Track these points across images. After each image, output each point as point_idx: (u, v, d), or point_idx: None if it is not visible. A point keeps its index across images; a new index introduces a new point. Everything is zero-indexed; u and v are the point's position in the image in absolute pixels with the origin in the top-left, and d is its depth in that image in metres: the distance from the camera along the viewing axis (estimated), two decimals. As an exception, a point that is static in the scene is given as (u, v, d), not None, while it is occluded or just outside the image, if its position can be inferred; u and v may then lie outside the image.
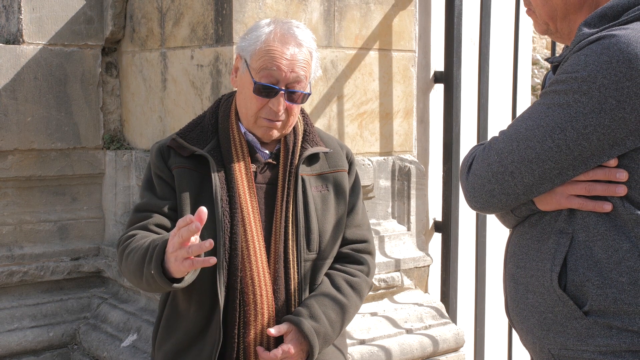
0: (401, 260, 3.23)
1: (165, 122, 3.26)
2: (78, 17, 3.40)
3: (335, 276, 2.18)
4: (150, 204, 2.11)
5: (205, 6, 2.94)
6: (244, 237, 2.04)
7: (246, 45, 2.08)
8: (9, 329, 3.28)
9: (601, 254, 1.59)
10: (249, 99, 2.08)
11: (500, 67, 3.72)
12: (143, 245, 1.95)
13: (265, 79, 2.04)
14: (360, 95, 3.13)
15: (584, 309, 1.61)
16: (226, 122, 2.14)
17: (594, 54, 1.55)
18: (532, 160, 1.62)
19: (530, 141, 1.62)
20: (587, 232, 1.61)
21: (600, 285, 1.59)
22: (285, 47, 2.04)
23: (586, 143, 1.57)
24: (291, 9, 2.92)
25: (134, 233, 2.06)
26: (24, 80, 3.30)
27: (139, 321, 3.17)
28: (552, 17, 1.76)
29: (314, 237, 2.13)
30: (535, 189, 1.65)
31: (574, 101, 1.57)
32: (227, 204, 2.05)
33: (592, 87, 1.54)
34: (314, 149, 2.17)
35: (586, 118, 1.55)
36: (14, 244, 3.37)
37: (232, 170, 2.08)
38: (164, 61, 3.23)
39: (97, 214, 3.57)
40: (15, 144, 3.30)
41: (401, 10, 3.22)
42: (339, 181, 2.23)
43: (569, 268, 1.62)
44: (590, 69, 1.54)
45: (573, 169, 1.60)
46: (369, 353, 2.94)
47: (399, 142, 3.26)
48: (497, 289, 3.64)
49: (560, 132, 1.58)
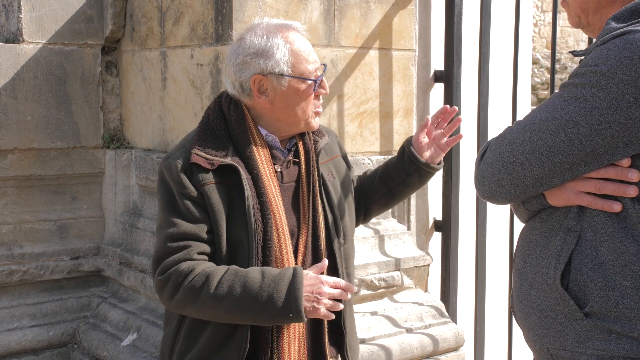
0: (401, 260, 3.22)
1: (165, 121, 3.26)
2: (78, 16, 3.40)
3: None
4: (184, 232, 1.98)
5: (205, 5, 2.94)
6: (277, 241, 2.03)
7: (273, 63, 2.04)
8: (8, 328, 3.28)
9: (607, 255, 1.56)
10: (305, 102, 2.08)
11: (500, 66, 3.72)
12: (251, 283, 1.92)
13: (312, 74, 2.08)
14: (360, 94, 3.13)
15: (585, 310, 1.58)
16: (243, 126, 2.08)
17: (616, 48, 1.51)
18: (542, 153, 1.59)
19: (543, 133, 1.59)
20: (594, 232, 1.58)
21: (603, 287, 1.56)
22: (300, 38, 2.10)
23: (599, 139, 1.53)
24: (291, 8, 2.92)
25: (191, 268, 1.96)
26: (23, 79, 3.30)
27: (138, 320, 3.17)
28: (584, 10, 1.72)
29: (340, 224, 2.17)
30: (545, 182, 1.62)
31: (591, 95, 1.53)
32: (259, 212, 2.02)
33: (610, 82, 1.50)
34: (323, 141, 2.21)
35: (601, 114, 1.51)
36: (13, 243, 3.37)
37: (260, 176, 2.05)
38: (163, 60, 3.23)
39: (97, 213, 3.57)
40: (15, 143, 3.30)
41: (401, 9, 3.21)
42: (338, 166, 2.27)
43: (573, 267, 1.59)
44: (611, 64, 1.50)
45: (584, 165, 1.57)
46: (369, 352, 2.94)
47: (399, 141, 3.26)
48: (497, 289, 3.64)
49: (574, 126, 1.55)
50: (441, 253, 3.45)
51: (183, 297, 1.96)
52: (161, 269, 1.99)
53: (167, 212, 2.03)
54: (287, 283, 1.92)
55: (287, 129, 2.13)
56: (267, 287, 1.91)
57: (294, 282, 1.92)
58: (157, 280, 2.01)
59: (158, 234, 2.04)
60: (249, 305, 1.91)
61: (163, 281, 1.98)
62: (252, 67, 2.04)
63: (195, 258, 1.98)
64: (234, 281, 1.92)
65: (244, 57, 2.05)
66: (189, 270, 1.95)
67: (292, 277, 1.92)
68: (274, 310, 1.91)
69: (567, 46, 17.45)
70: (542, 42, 17.03)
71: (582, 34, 17.17)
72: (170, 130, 3.22)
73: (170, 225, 2.00)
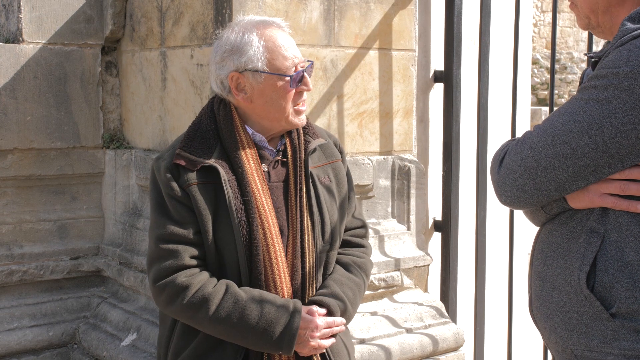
0: (401, 260, 3.23)
1: (165, 122, 3.26)
2: (78, 16, 3.40)
3: (343, 259, 2.27)
4: (173, 234, 2.01)
5: (205, 5, 2.94)
6: (264, 240, 2.03)
7: (246, 60, 2.03)
8: (8, 329, 3.28)
9: (633, 255, 1.55)
10: (283, 98, 2.07)
11: (500, 66, 3.72)
12: (248, 316, 1.97)
13: (291, 70, 2.06)
14: (360, 94, 3.13)
15: (611, 311, 1.57)
16: (230, 125, 2.09)
17: (637, 49, 1.50)
18: (566, 157, 1.58)
19: (566, 136, 1.58)
20: (619, 233, 1.57)
21: (629, 287, 1.55)
22: (278, 34, 2.08)
23: (624, 141, 1.52)
24: (291, 8, 2.92)
25: (186, 283, 1.98)
26: (23, 79, 3.30)
27: (138, 320, 3.17)
28: (593, 11, 1.72)
29: (327, 228, 2.16)
30: (569, 185, 1.61)
31: (614, 97, 1.52)
32: (243, 212, 2.03)
33: (633, 83, 1.49)
34: (316, 142, 2.19)
35: (625, 115, 1.51)
36: (13, 243, 3.37)
37: (245, 175, 2.05)
38: (163, 60, 3.23)
39: (97, 213, 3.57)
40: (15, 143, 3.30)
41: (401, 9, 3.21)
42: (337, 171, 2.26)
43: (599, 268, 1.59)
44: (633, 65, 1.49)
45: (609, 166, 1.56)
46: (369, 352, 2.94)
47: (399, 141, 3.26)
48: (497, 289, 3.64)
49: (598, 128, 1.54)
50: (441, 253, 3.45)
51: (179, 312, 2.02)
52: (156, 276, 2.02)
53: (157, 213, 2.07)
54: (283, 324, 1.99)
55: (270, 126, 2.13)
56: (264, 324, 1.98)
57: (290, 325, 1.99)
58: (152, 287, 2.05)
59: (150, 235, 2.08)
60: (243, 335, 1.99)
61: (159, 289, 2.02)
62: (229, 65, 2.06)
63: (188, 264, 2.01)
64: (232, 310, 1.97)
65: (222, 54, 2.07)
66: (185, 286, 1.98)
67: (290, 319, 1.99)
68: (266, 345, 2.00)
69: (567, 46, 17.45)
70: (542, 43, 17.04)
71: (582, 34, 17.18)
72: (170, 131, 3.23)
73: (160, 226, 2.03)
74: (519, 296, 3.56)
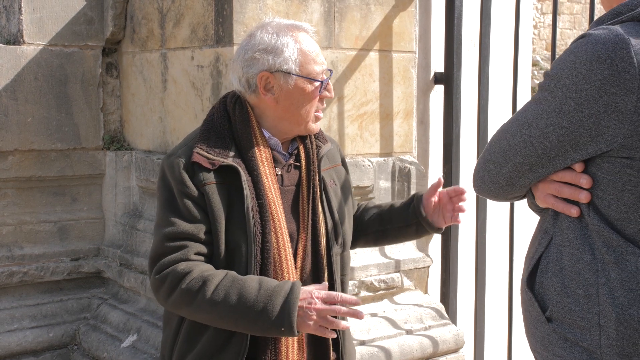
0: (401, 261, 3.23)
1: (166, 123, 3.26)
2: (78, 17, 3.40)
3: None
4: (182, 231, 1.97)
5: (205, 7, 2.94)
6: (276, 244, 2.02)
7: (281, 61, 2.04)
8: (9, 330, 3.28)
9: (567, 260, 1.55)
10: (309, 102, 2.08)
11: (500, 68, 3.72)
12: (247, 292, 1.90)
13: (320, 75, 2.09)
14: (360, 96, 3.14)
15: (547, 314, 1.57)
16: (247, 127, 2.08)
17: (568, 52, 1.52)
18: (506, 153, 1.61)
19: (507, 133, 1.61)
20: (562, 236, 1.57)
21: (560, 292, 1.54)
22: (309, 39, 2.11)
23: (547, 142, 1.53)
24: (291, 9, 2.92)
25: (188, 269, 1.94)
26: (24, 80, 3.30)
27: (138, 322, 3.17)
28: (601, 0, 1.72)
29: (340, 231, 2.17)
30: (514, 180, 1.63)
31: (543, 98, 1.54)
32: (258, 214, 2.02)
33: (557, 86, 1.51)
34: (326, 147, 2.21)
35: (548, 117, 1.52)
36: (14, 245, 3.37)
37: (260, 178, 2.04)
38: (164, 62, 3.23)
39: (97, 214, 3.57)
40: (16, 145, 3.30)
41: (401, 11, 3.22)
42: (340, 175, 2.27)
43: (540, 269, 1.60)
44: (559, 68, 1.51)
45: (542, 166, 1.57)
46: (369, 354, 2.94)
47: (399, 143, 3.27)
48: (497, 290, 3.64)
49: (527, 128, 1.56)
50: (441, 255, 3.45)
51: (179, 298, 1.96)
52: (158, 268, 1.99)
53: (166, 211, 2.02)
54: (283, 296, 1.89)
55: (288, 130, 2.12)
56: (263, 298, 1.90)
57: (290, 296, 1.89)
58: (153, 279, 2.00)
59: (156, 232, 2.04)
60: (242, 313, 1.90)
61: (160, 280, 1.98)
62: (261, 64, 2.04)
63: (192, 258, 1.97)
64: (231, 288, 1.91)
65: (253, 52, 2.05)
66: (186, 272, 1.94)
67: (289, 291, 1.90)
68: (267, 322, 1.89)
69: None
70: (542, 44, 17.04)
71: (581, 36, 17.15)
72: (170, 132, 3.23)
73: (169, 224, 2.00)
74: (519, 298, 3.56)
